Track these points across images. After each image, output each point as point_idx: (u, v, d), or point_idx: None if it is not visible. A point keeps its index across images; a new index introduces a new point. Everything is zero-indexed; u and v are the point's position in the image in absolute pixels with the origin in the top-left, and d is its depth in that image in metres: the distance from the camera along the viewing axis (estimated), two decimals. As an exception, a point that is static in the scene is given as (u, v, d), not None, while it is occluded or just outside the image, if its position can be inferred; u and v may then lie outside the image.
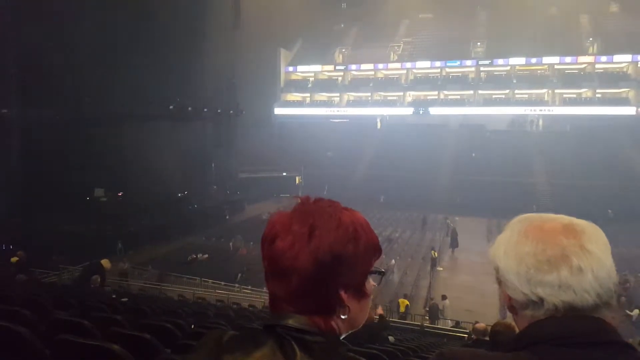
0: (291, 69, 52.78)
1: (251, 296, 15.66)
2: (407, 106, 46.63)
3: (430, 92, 47.09)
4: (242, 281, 18.07)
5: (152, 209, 25.72)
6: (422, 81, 48.27)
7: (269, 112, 48.90)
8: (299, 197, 0.87)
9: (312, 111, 49.91)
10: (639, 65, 41.11)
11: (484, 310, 15.04)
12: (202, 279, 17.51)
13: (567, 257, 0.77)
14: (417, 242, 25.86)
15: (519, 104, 43.29)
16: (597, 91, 41.45)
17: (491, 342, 3.89)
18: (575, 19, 46.60)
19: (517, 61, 44.56)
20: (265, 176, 38.89)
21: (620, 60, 42.06)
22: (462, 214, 30.03)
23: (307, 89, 52.31)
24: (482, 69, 46.10)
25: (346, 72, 51.30)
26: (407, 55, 50.26)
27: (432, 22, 52.31)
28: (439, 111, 44.93)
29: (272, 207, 32.01)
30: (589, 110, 40.09)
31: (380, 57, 49.99)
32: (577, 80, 42.99)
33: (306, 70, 52.38)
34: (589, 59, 42.98)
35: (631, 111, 39.00)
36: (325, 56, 52.14)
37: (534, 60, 44.19)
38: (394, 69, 49.89)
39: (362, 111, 48.15)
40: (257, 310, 9.78)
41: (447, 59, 47.09)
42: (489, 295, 16.39)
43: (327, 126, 45.63)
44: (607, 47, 42.20)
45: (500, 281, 0.87)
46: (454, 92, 46.78)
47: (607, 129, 37.43)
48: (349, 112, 48.94)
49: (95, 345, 2.27)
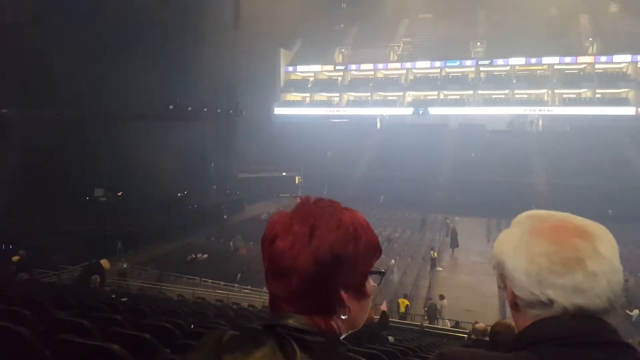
0: (291, 68, 52.78)
1: (251, 296, 15.64)
2: (407, 106, 46.60)
3: (430, 92, 47.06)
4: (242, 281, 18.06)
5: (152, 209, 25.69)
6: (421, 81, 48.26)
7: (269, 112, 48.91)
8: (299, 197, 0.87)
9: (311, 111, 49.90)
10: (639, 65, 41.12)
11: (483, 310, 15.04)
12: (202, 279, 17.49)
13: (582, 260, 0.76)
14: (416, 242, 25.84)
15: (519, 104, 43.29)
16: (597, 91, 41.45)
17: (491, 342, 3.88)
18: (575, 19, 46.61)
19: (517, 61, 44.56)
20: (265, 176, 38.90)
21: (620, 60, 42.07)
22: (462, 214, 30.06)
23: (307, 89, 52.30)
24: (481, 69, 46.09)
25: (346, 72, 51.28)
26: (406, 55, 50.25)
27: (432, 22, 52.33)
28: (438, 111, 44.91)
29: (271, 207, 32.02)
30: (589, 110, 40.10)
31: (380, 57, 49.98)
32: (576, 80, 42.99)
33: (306, 70, 52.37)
34: (589, 59, 42.98)
35: (631, 111, 39.02)
36: (325, 56, 52.13)
37: (533, 60, 44.20)
38: (393, 69, 49.87)
39: (362, 111, 48.12)
40: (256, 310, 9.77)
41: (446, 59, 47.09)
42: (489, 295, 16.41)
43: (327, 126, 45.65)
44: (607, 47, 42.20)
45: (503, 278, 0.85)
46: (454, 92, 46.76)
47: (607, 129, 37.46)
48: (349, 112, 48.93)
49: (95, 345, 2.27)
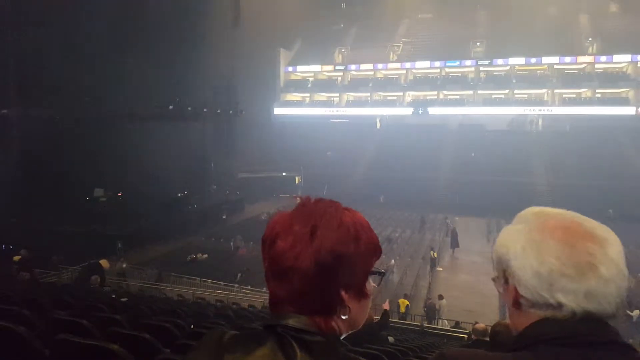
0: (291, 69, 52.80)
1: (251, 296, 15.64)
2: (407, 106, 46.63)
3: (429, 92, 47.08)
4: (242, 281, 18.06)
5: (152, 209, 25.68)
6: (421, 81, 48.29)
7: (269, 112, 48.93)
8: (299, 197, 0.87)
9: (311, 111, 49.93)
10: (639, 65, 41.15)
11: (483, 310, 15.04)
12: (202, 279, 17.49)
13: (594, 266, 0.74)
14: (416, 242, 25.85)
15: (519, 104, 43.31)
16: (597, 91, 41.49)
17: (491, 343, 3.88)
18: (574, 18, 46.65)
19: (517, 61, 44.61)
20: (264, 176, 38.91)
21: (619, 60, 42.12)
22: (462, 214, 30.06)
23: (306, 89, 52.32)
24: (481, 69, 46.13)
25: (346, 72, 51.31)
26: (406, 55, 50.28)
27: (432, 22, 52.36)
28: (438, 111, 44.91)
29: (271, 207, 32.04)
30: (589, 110, 40.13)
31: (379, 57, 50.02)
32: (576, 80, 43.03)
33: (306, 70, 52.40)
34: (589, 59, 43.02)
35: (631, 111, 39.04)
36: (324, 56, 52.14)
37: (533, 60, 44.23)
38: (393, 69, 49.92)
39: (362, 111, 48.15)
40: (256, 310, 9.76)
41: (446, 59, 47.13)
42: (489, 295, 16.39)
43: (326, 126, 45.64)
44: (607, 47, 42.23)
45: (505, 275, 0.83)
46: (454, 92, 46.80)
47: (607, 129, 37.47)
48: (349, 112, 48.95)
49: (94, 345, 2.27)
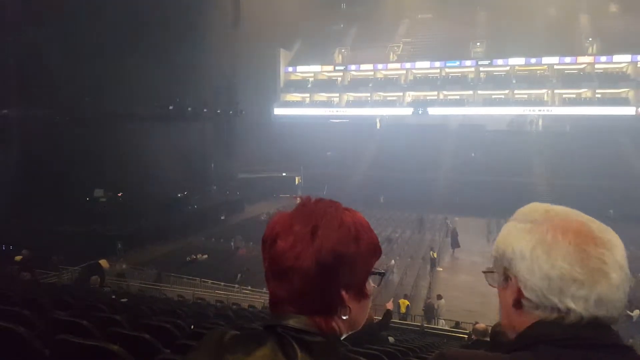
0: (291, 69, 52.79)
1: (251, 297, 15.64)
2: (407, 106, 46.62)
3: (429, 93, 47.07)
4: (242, 281, 18.06)
5: (151, 210, 25.69)
6: (421, 81, 48.27)
7: (269, 113, 48.92)
8: (300, 197, 0.87)
9: (311, 111, 49.91)
10: (639, 65, 41.15)
11: (484, 310, 15.02)
12: (202, 280, 17.50)
13: (606, 273, 0.73)
14: (417, 243, 25.85)
15: (519, 104, 43.29)
16: (597, 91, 41.48)
17: (491, 343, 3.89)
18: (574, 19, 46.63)
19: (517, 61, 44.60)
20: (264, 176, 38.89)
21: (619, 60, 42.12)
22: (462, 214, 30.04)
23: (306, 89, 52.31)
24: (481, 69, 46.12)
25: (346, 73, 51.30)
26: (406, 55, 50.27)
27: (432, 22, 52.33)
28: (438, 111, 44.88)
29: (271, 208, 32.03)
30: (589, 110, 40.12)
31: (379, 58, 50.01)
32: (576, 80, 43.02)
33: (306, 70, 52.39)
34: (589, 59, 43.01)
35: (631, 111, 39.03)
36: (324, 56, 52.13)
37: (533, 60, 44.23)
38: (393, 69, 49.89)
39: (362, 111, 48.12)
40: (256, 310, 9.76)
41: (446, 59, 47.12)
42: (489, 295, 16.35)
43: (326, 126, 45.60)
44: (607, 47, 42.22)
45: (507, 274, 0.81)
46: (454, 93, 46.78)
47: (607, 129, 37.45)
48: (349, 112, 48.92)
49: (94, 345, 2.27)
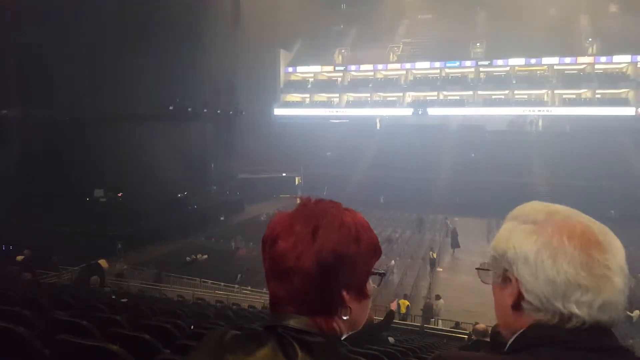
0: (291, 69, 52.80)
1: (251, 297, 15.63)
2: (407, 107, 46.62)
3: (429, 93, 47.09)
4: (242, 282, 18.05)
5: (152, 210, 25.67)
6: (421, 82, 48.26)
7: (269, 113, 48.93)
8: (300, 197, 0.87)
9: (311, 112, 49.92)
10: (639, 65, 41.15)
11: (484, 310, 14.99)
12: (202, 280, 17.49)
13: (610, 278, 0.72)
14: (417, 243, 25.84)
15: (519, 104, 43.30)
16: (597, 92, 41.48)
17: (491, 343, 3.88)
18: (574, 19, 46.64)
19: (517, 62, 44.60)
20: (264, 177, 38.87)
21: (619, 60, 42.13)
22: (462, 214, 30.04)
23: (306, 90, 52.33)
24: (481, 69, 46.12)
25: (345, 73, 51.31)
26: (406, 55, 50.28)
27: (432, 22, 52.31)
28: (438, 112, 44.89)
29: (271, 208, 32.04)
30: (589, 110, 40.13)
31: (379, 58, 49.99)
32: (576, 80, 43.02)
33: (306, 70, 52.40)
34: (589, 59, 43.02)
35: (631, 111, 39.05)
36: (324, 57, 52.13)
37: (533, 60, 44.22)
38: (393, 69, 49.89)
39: (362, 112, 48.13)
40: (256, 311, 9.76)
41: (446, 60, 47.13)
42: (489, 295, 16.17)
43: (326, 127, 45.61)
44: (607, 47, 42.22)
45: (507, 275, 0.80)
46: (454, 93, 46.79)
47: (607, 129, 37.45)
48: (349, 112, 48.92)
49: (94, 345, 2.27)
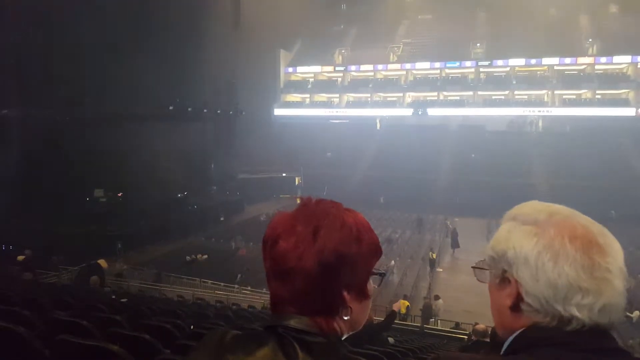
0: (291, 69, 52.80)
1: (250, 297, 15.63)
2: (407, 107, 46.62)
3: (429, 93, 47.08)
4: (242, 282, 18.05)
5: (152, 210, 25.68)
6: (421, 82, 48.25)
7: (269, 113, 48.94)
8: (301, 197, 0.87)
9: (311, 112, 49.91)
10: (639, 66, 41.15)
11: (483, 311, 14.97)
12: (202, 280, 17.49)
13: (610, 281, 0.72)
14: (416, 243, 25.84)
15: (519, 104, 43.29)
16: (597, 92, 41.47)
17: (491, 343, 3.88)
18: (574, 19, 46.63)
19: (517, 62, 44.59)
20: (264, 177, 38.86)
21: (620, 61, 42.09)
22: (462, 215, 30.02)
23: (306, 90, 52.32)
24: (481, 69, 46.11)
25: (346, 73, 51.30)
26: (406, 56, 50.28)
27: (432, 23, 52.30)
28: (438, 112, 44.88)
29: (271, 208, 32.06)
30: (589, 111, 40.12)
31: (379, 58, 49.97)
32: (576, 81, 43.01)
33: (306, 71, 52.40)
34: (589, 60, 43.01)
35: (631, 112, 39.04)
36: (324, 57, 52.13)
37: (533, 61, 44.21)
38: (393, 69, 49.87)
39: (362, 112, 48.12)
40: (256, 311, 9.76)
41: (446, 60, 47.12)
42: (489, 296, 16.34)
43: (326, 127, 45.60)
44: (607, 48, 42.22)
45: (506, 276, 0.79)
46: (454, 93, 46.78)
47: (607, 130, 37.44)
48: (349, 112, 48.90)
49: (94, 345, 2.27)
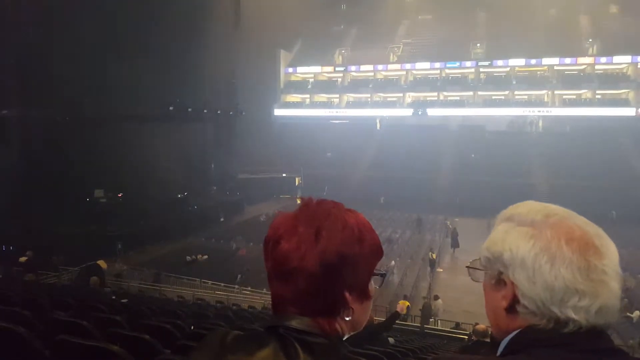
0: (291, 70, 52.80)
1: (251, 297, 15.63)
2: (407, 107, 46.62)
3: (429, 93, 47.09)
4: (242, 282, 18.05)
5: (152, 210, 25.68)
6: (421, 82, 48.25)
7: (269, 113, 48.93)
8: (301, 198, 0.87)
9: (311, 112, 49.91)
10: (639, 66, 41.15)
11: (483, 311, 14.82)
12: (202, 280, 17.49)
13: (607, 283, 0.71)
14: (417, 243, 25.84)
15: (519, 105, 43.29)
16: (597, 92, 41.49)
17: (491, 344, 3.88)
18: (575, 19, 46.64)
19: (517, 62, 44.60)
20: (264, 177, 38.87)
21: (620, 61, 42.11)
22: (462, 215, 30.00)
23: (306, 90, 52.33)
24: (481, 70, 46.12)
25: (346, 73, 51.30)
26: (406, 56, 50.28)
27: (432, 23, 52.31)
28: (438, 112, 44.89)
29: (271, 208, 32.07)
30: (589, 111, 40.14)
31: (379, 58, 49.98)
32: (576, 81, 43.02)
33: (306, 71, 52.40)
34: (589, 60, 43.02)
35: (631, 112, 39.05)
36: (324, 57, 52.13)
37: (533, 61, 44.22)
38: (393, 70, 49.87)
39: (362, 112, 48.12)
40: (256, 311, 9.76)
41: (446, 60, 47.13)
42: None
43: (326, 127, 45.60)
44: (607, 48, 42.24)
45: (502, 278, 0.79)
46: (454, 93, 46.80)
47: (607, 130, 37.45)
48: (349, 113, 48.91)
49: (94, 345, 2.26)
